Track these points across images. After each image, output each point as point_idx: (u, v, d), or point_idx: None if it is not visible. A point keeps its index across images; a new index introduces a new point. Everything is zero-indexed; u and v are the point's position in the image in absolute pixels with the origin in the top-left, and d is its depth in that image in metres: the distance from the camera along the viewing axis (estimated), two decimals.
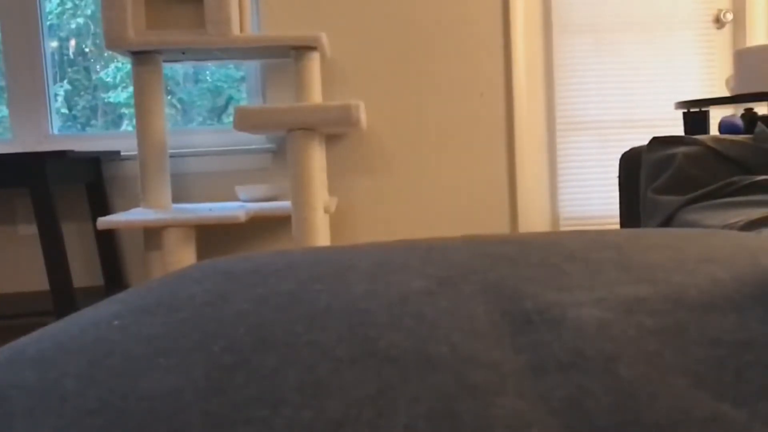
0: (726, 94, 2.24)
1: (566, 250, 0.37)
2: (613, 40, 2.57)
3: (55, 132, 2.53)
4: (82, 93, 2.69)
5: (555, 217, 2.65)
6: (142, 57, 2.11)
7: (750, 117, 2.10)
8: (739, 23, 2.60)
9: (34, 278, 2.38)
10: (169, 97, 2.67)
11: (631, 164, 1.46)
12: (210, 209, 2.09)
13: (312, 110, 1.88)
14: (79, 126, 2.67)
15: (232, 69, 2.73)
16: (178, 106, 2.75)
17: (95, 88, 2.71)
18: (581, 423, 0.19)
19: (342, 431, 0.19)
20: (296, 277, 0.34)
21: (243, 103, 2.63)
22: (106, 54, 2.66)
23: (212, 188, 2.48)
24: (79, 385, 0.23)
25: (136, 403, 0.21)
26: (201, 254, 2.29)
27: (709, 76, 2.61)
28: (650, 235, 0.41)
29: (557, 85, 2.57)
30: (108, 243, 2.41)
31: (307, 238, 1.88)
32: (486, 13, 2.50)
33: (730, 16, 2.58)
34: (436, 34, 2.49)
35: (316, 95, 2.23)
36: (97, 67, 2.73)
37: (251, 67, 2.55)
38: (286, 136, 1.89)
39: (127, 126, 2.68)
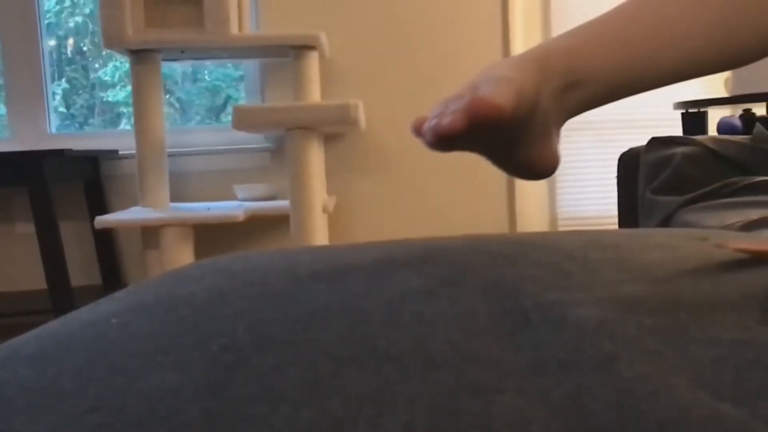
0: (724, 94, 2.24)
1: (566, 250, 0.37)
2: None
3: (53, 131, 2.52)
4: (80, 92, 2.69)
5: (553, 217, 2.65)
6: (140, 56, 2.10)
7: (748, 117, 2.10)
8: None
9: (32, 277, 2.38)
10: (167, 96, 2.67)
11: (630, 164, 1.46)
12: (208, 208, 2.09)
13: (311, 109, 1.88)
14: (77, 125, 2.67)
15: (230, 68, 2.73)
16: (177, 105, 2.74)
17: (93, 86, 2.71)
18: (581, 421, 0.19)
19: (342, 429, 0.19)
20: (295, 275, 0.34)
21: (241, 103, 2.63)
22: (104, 53, 2.66)
23: (210, 187, 2.48)
24: (77, 383, 0.23)
25: (134, 400, 0.21)
26: (199, 253, 2.29)
27: (707, 77, 2.60)
28: (649, 235, 0.41)
29: None
30: (106, 242, 2.41)
31: (305, 237, 1.88)
32: (485, 12, 2.50)
33: None
34: (435, 33, 2.49)
35: (314, 94, 2.23)
36: (96, 65, 2.72)
37: (250, 66, 2.55)
38: (285, 135, 1.89)
39: (125, 125, 2.68)
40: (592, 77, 0.45)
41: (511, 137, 0.42)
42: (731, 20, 0.45)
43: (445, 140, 0.35)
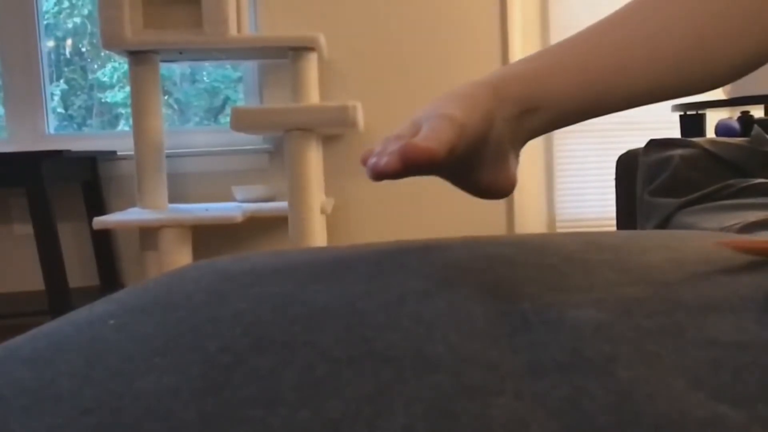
0: (722, 96, 2.25)
1: (564, 252, 0.37)
2: None
3: (51, 131, 2.52)
4: (78, 93, 2.69)
5: (551, 219, 2.65)
6: (139, 57, 2.10)
7: (746, 120, 2.10)
8: None
9: (30, 278, 2.37)
10: (165, 97, 2.66)
11: (628, 166, 1.46)
12: (206, 209, 2.09)
13: (309, 111, 1.88)
14: (75, 126, 2.67)
15: (229, 69, 2.73)
16: (175, 106, 2.74)
17: (92, 87, 2.71)
18: (579, 423, 0.18)
19: (339, 431, 0.19)
20: (293, 277, 0.34)
21: (240, 104, 2.63)
22: (102, 54, 2.66)
23: (209, 188, 2.48)
24: (74, 385, 0.23)
25: (132, 402, 0.21)
26: (197, 254, 2.29)
27: None
28: (648, 237, 0.41)
29: None
30: (104, 243, 2.41)
31: (303, 239, 1.88)
32: (483, 13, 2.50)
33: None
34: (433, 35, 2.49)
35: (313, 96, 2.23)
36: (94, 66, 2.72)
37: (248, 67, 2.55)
38: (283, 136, 1.89)
39: (123, 126, 2.68)
40: (550, 103, 0.45)
41: (461, 164, 0.43)
42: (691, 51, 0.45)
43: (383, 178, 0.36)
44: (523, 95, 0.45)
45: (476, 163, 0.45)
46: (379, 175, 0.36)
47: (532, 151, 2.59)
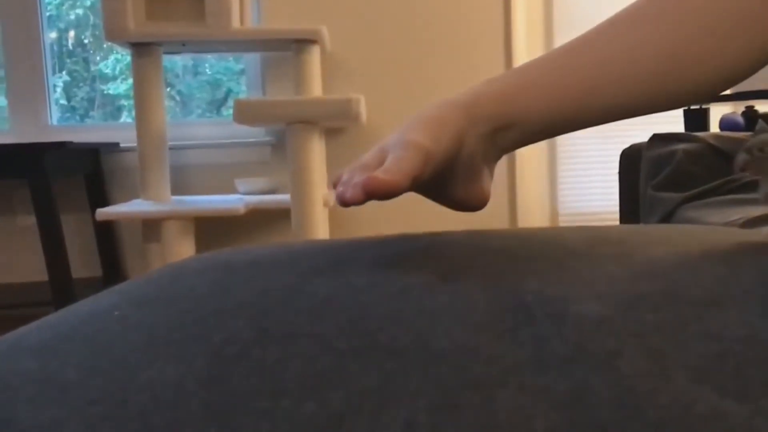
0: (727, 91, 2.24)
1: (568, 246, 0.37)
2: None
3: (54, 123, 2.52)
4: (81, 84, 2.69)
5: (554, 213, 2.65)
6: (141, 48, 2.10)
7: (750, 114, 2.09)
8: None
9: (33, 269, 2.38)
10: (168, 90, 2.66)
11: (631, 160, 1.46)
12: (209, 201, 2.09)
13: (312, 104, 1.88)
14: (78, 117, 2.67)
15: (231, 62, 2.73)
16: (178, 98, 2.74)
17: (94, 79, 2.71)
18: (583, 417, 0.19)
19: (343, 423, 0.19)
20: (296, 269, 0.34)
21: (242, 96, 2.62)
22: (105, 45, 2.65)
23: (211, 181, 2.48)
24: (80, 375, 0.23)
25: (136, 393, 0.21)
26: (200, 247, 2.29)
27: None
28: (651, 231, 0.41)
29: None
30: (107, 234, 2.41)
31: (306, 231, 1.88)
32: (487, 8, 2.49)
33: None
34: (437, 28, 2.49)
35: (316, 89, 2.22)
36: (97, 58, 2.72)
37: (251, 59, 2.55)
38: (286, 129, 1.89)
39: (126, 118, 2.68)
40: (523, 120, 0.46)
41: (432, 182, 0.43)
42: (665, 72, 0.45)
43: (350, 206, 0.38)
44: (496, 113, 0.45)
45: (448, 179, 0.46)
46: (345, 204, 0.38)
47: (535, 146, 2.58)
